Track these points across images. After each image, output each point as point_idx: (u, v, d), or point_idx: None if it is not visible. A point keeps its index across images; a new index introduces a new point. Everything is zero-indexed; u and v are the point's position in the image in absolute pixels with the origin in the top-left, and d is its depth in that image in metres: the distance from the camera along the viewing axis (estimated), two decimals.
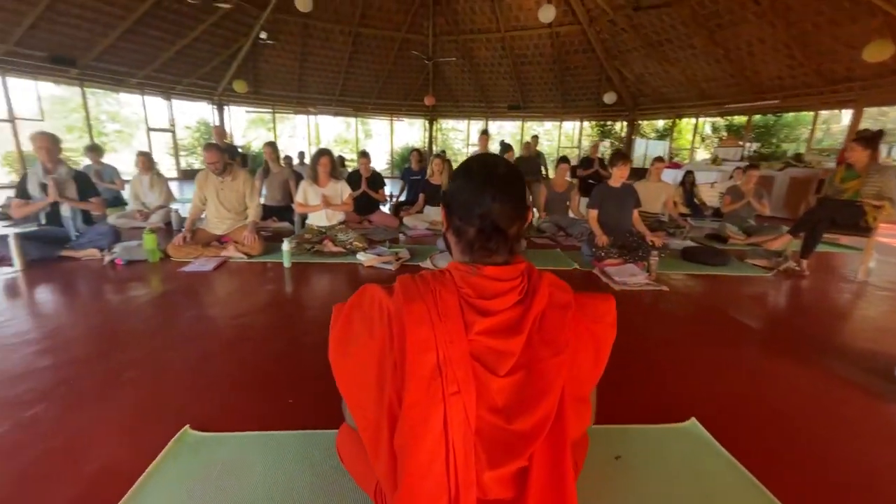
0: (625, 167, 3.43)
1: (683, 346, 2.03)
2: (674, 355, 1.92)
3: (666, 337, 2.14)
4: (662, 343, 2.06)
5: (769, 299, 2.85)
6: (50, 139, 3.12)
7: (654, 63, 9.47)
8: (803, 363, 1.86)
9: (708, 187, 7.91)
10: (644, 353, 1.94)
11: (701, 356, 1.92)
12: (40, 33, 7.20)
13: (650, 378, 1.71)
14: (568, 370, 0.67)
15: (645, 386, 1.65)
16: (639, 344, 2.04)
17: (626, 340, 2.08)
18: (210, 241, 3.47)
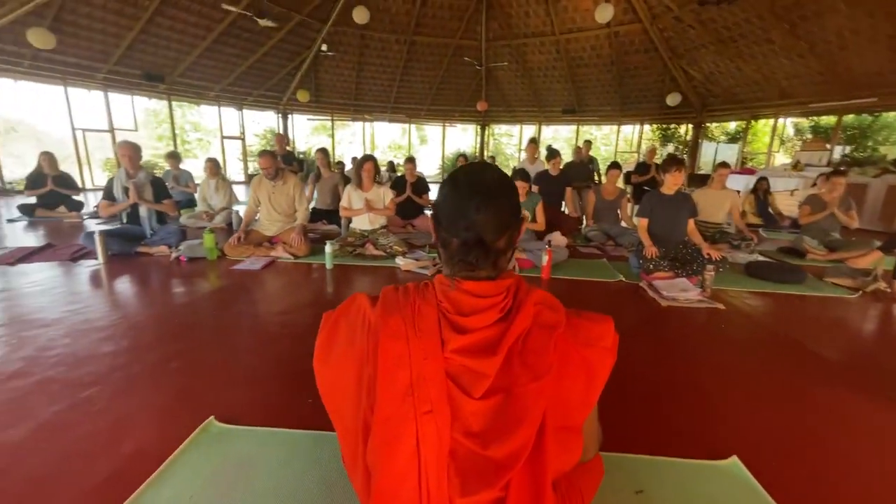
0: (678, 173, 3.18)
1: (736, 372, 1.83)
2: (723, 382, 1.73)
3: (716, 361, 1.94)
4: (711, 367, 1.87)
5: (849, 326, 2.50)
6: (132, 148, 3.50)
7: (726, 60, 8.75)
8: (885, 405, 1.59)
9: (786, 195, 7.15)
10: (688, 376, 1.78)
11: (756, 386, 1.71)
12: (135, 53, 8.14)
13: (692, 406, 1.55)
14: (551, 397, 0.62)
15: (685, 414, 1.50)
16: (683, 366, 1.87)
17: (668, 361, 1.91)
18: (262, 241, 3.70)
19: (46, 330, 2.01)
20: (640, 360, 1.91)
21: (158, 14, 7.48)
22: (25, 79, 7.65)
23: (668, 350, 2.04)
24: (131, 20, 7.39)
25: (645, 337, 2.20)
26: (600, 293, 2.94)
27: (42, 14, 6.57)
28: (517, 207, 0.73)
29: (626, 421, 1.44)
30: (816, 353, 2.04)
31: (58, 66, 7.68)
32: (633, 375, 1.77)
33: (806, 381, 1.76)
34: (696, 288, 2.84)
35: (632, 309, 2.65)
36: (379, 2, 9.15)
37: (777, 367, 1.89)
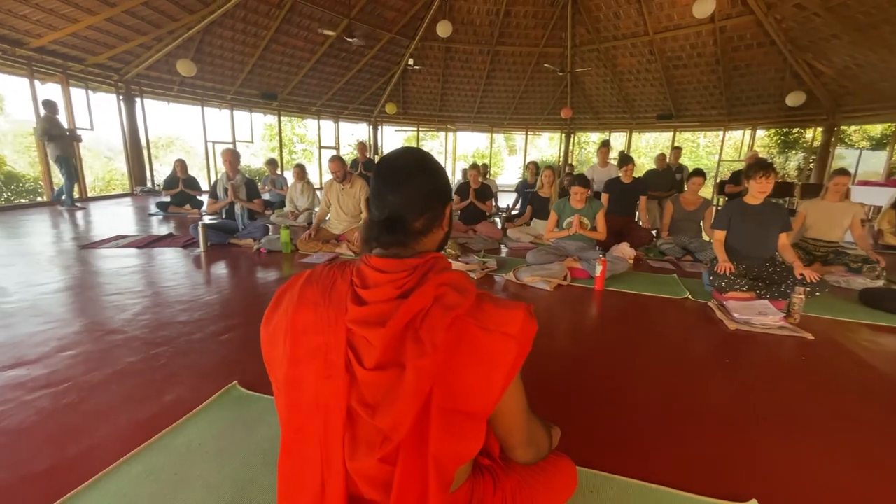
0: (765, 180, 2.76)
1: (801, 413, 1.54)
2: (781, 423, 1.47)
3: (782, 398, 1.65)
4: (773, 404, 1.60)
5: None
6: (232, 154, 4.11)
7: (865, 51, 7.32)
8: None
9: None
10: (739, 408, 1.54)
11: (822, 433, 1.43)
12: (254, 77, 9.48)
13: (732, 443, 1.35)
14: (441, 376, 0.62)
15: (720, 450, 1.31)
16: (737, 398, 1.63)
17: (715, 389, 1.68)
18: (330, 238, 4.04)
19: (145, 299, 2.46)
20: (680, 384, 1.71)
21: (273, 42, 8.63)
22: (175, 101, 9.35)
23: (719, 377, 1.79)
24: (253, 48, 8.64)
25: (693, 360, 1.96)
26: (658, 309, 2.67)
27: (187, 47, 8.00)
28: (438, 191, 0.74)
29: (642, 444, 1.31)
30: None
31: (198, 90, 9.27)
32: (669, 396, 1.59)
33: (888, 437, 1.42)
34: (780, 313, 2.43)
35: (690, 329, 2.37)
36: (463, 15, 9.44)
37: (859, 415, 1.55)
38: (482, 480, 0.82)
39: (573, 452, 1.05)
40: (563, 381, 1.69)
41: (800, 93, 8.65)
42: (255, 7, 7.66)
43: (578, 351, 2.01)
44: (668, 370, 1.83)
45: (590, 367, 1.83)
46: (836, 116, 9.21)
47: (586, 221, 3.44)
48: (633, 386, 1.68)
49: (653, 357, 1.97)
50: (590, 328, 2.37)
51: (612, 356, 1.97)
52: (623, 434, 1.36)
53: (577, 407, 1.51)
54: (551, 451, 1.00)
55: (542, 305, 2.66)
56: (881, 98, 8.24)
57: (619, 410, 1.50)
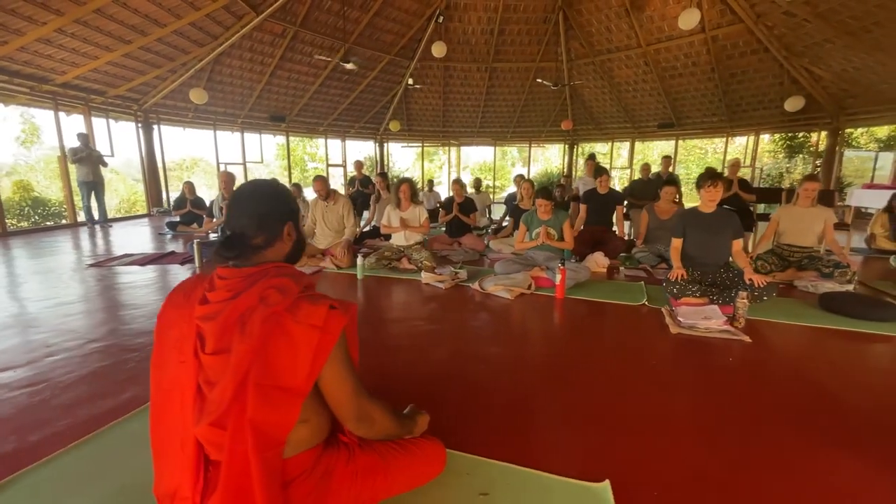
0: (713, 189, 2.86)
1: (694, 408, 1.64)
2: (672, 418, 1.58)
3: (684, 397, 1.75)
4: (670, 402, 1.70)
5: None
6: (228, 175, 4.43)
7: (861, 55, 7.26)
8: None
9: None
10: (635, 404, 1.66)
11: (698, 429, 1.53)
12: (262, 101, 10.00)
13: (612, 433, 1.47)
14: (258, 358, 0.79)
15: (599, 440, 1.43)
16: (643, 395, 1.74)
17: (632, 388, 1.79)
18: (316, 253, 4.28)
19: (132, 311, 2.72)
20: (595, 383, 1.83)
21: (278, 68, 9.13)
22: (189, 126, 9.93)
23: (638, 377, 1.90)
24: (260, 75, 9.15)
25: (621, 362, 2.07)
26: (611, 315, 2.78)
27: (199, 77, 8.55)
28: (273, 214, 0.93)
29: (531, 434, 1.45)
30: (839, 407, 1.70)
31: (210, 115, 9.83)
32: (579, 394, 1.72)
33: (806, 438, 1.51)
34: (723, 317, 2.50)
35: (633, 334, 2.47)
36: (458, 35, 9.77)
37: (744, 413, 1.64)
38: (336, 452, 0.99)
39: (468, 440, 1.20)
40: (483, 380, 1.83)
41: (798, 97, 8.59)
42: (259, 38, 8.15)
43: (510, 353, 2.14)
44: (588, 371, 1.95)
45: (514, 368, 1.96)
46: (840, 119, 9.09)
47: (553, 232, 3.57)
48: (547, 384, 1.80)
49: (582, 359, 2.09)
50: (532, 333, 2.49)
51: (542, 359, 2.09)
52: (515, 425, 1.49)
53: (482, 401, 1.65)
54: (414, 434, 1.16)
55: (500, 313, 2.80)
56: (884, 100, 8.13)
57: (522, 405, 1.63)
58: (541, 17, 9.20)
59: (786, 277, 3.68)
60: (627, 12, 8.44)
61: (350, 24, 8.64)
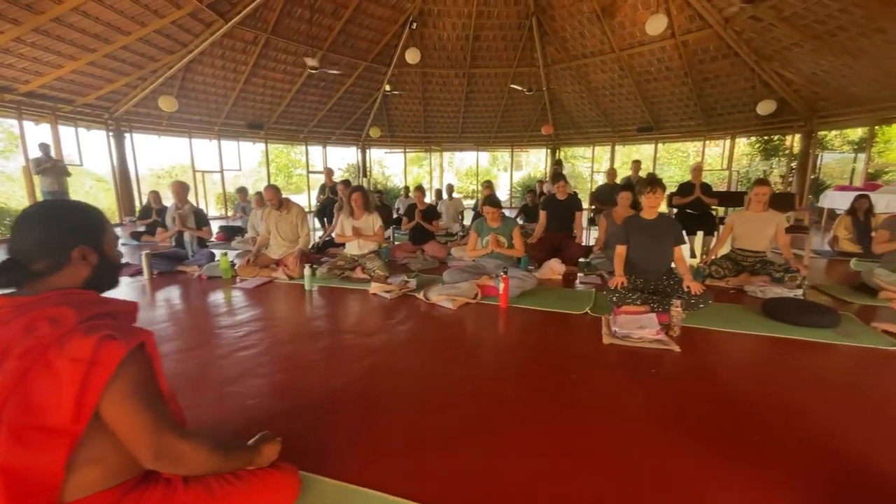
0: (652, 195, 2.83)
1: (612, 431, 1.59)
2: (559, 435, 1.53)
3: (604, 416, 1.70)
4: (588, 422, 1.65)
5: (861, 393, 1.94)
6: (180, 186, 4.34)
7: (829, 58, 7.33)
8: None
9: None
10: (521, 419, 1.60)
11: (637, 455, 1.48)
12: (238, 108, 9.93)
13: (503, 453, 1.41)
14: (13, 398, 0.73)
15: (483, 458, 1.37)
16: (547, 410, 1.68)
17: (542, 396, 1.74)
18: (270, 263, 4.20)
19: None
20: (500, 397, 1.77)
21: (252, 75, 9.07)
22: (164, 134, 9.83)
23: (546, 391, 1.84)
24: (234, 82, 9.09)
25: (537, 374, 2.01)
26: (552, 325, 2.72)
27: (171, 84, 8.47)
28: (59, 237, 0.86)
29: (404, 453, 1.38)
30: (747, 420, 1.65)
31: (185, 123, 9.74)
32: (469, 409, 1.66)
33: (691, 453, 1.46)
34: (657, 326, 2.46)
35: (566, 345, 2.42)
36: (434, 41, 9.78)
37: (671, 432, 1.58)
38: (148, 491, 0.92)
39: (348, 467, 1.13)
40: (389, 398, 1.76)
41: (770, 101, 8.66)
42: (231, 45, 8.09)
43: (428, 368, 2.07)
44: (503, 387, 1.89)
45: (427, 384, 1.90)
46: (813, 122, 9.17)
47: (503, 240, 3.53)
48: (455, 402, 1.74)
49: (500, 373, 2.03)
50: (460, 346, 2.43)
51: (459, 373, 2.03)
52: (408, 449, 1.43)
53: (381, 422, 1.59)
54: (257, 465, 1.09)
55: (437, 324, 2.74)
56: (854, 103, 8.22)
57: (420, 426, 1.56)
58: (515, 22, 9.23)
59: (739, 282, 3.66)
60: (599, 18, 8.48)
61: (323, 31, 8.62)
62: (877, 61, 6.85)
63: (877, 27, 6.21)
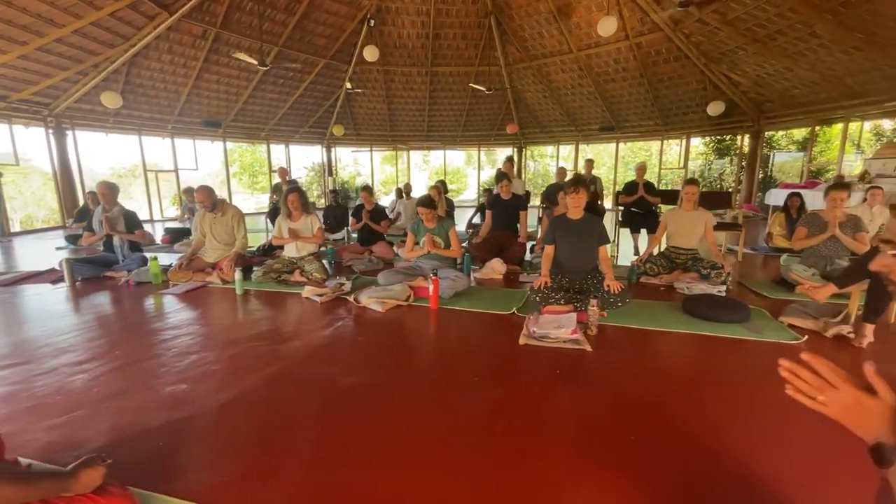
0: (575, 195, 2.86)
1: (496, 437, 1.58)
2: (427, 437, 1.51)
3: (494, 421, 1.69)
4: (471, 427, 1.64)
5: (746, 388, 2.00)
6: (107, 187, 4.12)
7: (771, 61, 7.65)
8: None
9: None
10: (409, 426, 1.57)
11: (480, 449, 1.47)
12: (192, 105, 9.57)
13: (379, 464, 1.38)
14: None
15: (354, 470, 1.34)
16: (434, 418, 1.66)
17: (437, 402, 1.72)
18: (205, 267, 4.05)
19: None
20: (395, 404, 1.74)
21: (204, 71, 8.75)
22: (112, 132, 9.37)
23: (442, 397, 1.83)
24: (185, 78, 8.75)
25: (443, 381, 1.99)
26: (477, 326, 2.72)
27: (116, 80, 8.08)
28: None
29: (274, 470, 1.33)
30: (632, 419, 1.67)
31: (135, 120, 9.32)
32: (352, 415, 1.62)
33: (567, 456, 1.46)
34: (574, 325, 2.48)
35: (483, 346, 2.41)
36: (394, 39, 9.69)
37: (555, 434, 1.59)
38: None
39: (217, 486, 1.07)
40: (280, 410, 1.71)
41: (719, 102, 8.98)
42: (178, 39, 7.78)
43: (332, 374, 2.03)
44: (401, 393, 1.86)
45: (327, 393, 1.85)
46: (761, 123, 9.57)
47: (439, 241, 3.50)
48: (346, 410, 1.70)
49: (404, 378, 2.00)
50: (374, 350, 2.38)
51: (362, 379, 1.99)
52: (282, 463, 1.38)
53: (262, 435, 1.53)
54: (74, 491, 1.02)
55: (359, 328, 2.69)
56: (796, 104, 8.60)
57: (304, 438, 1.52)
58: (474, 21, 9.24)
59: (671, 279, 3.76)
60: (556, 18, 8.58)
61: (277, 27, 8.39)
62: (813, 64, 7.19)
63: (811, 32, 6.50)
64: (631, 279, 3.81)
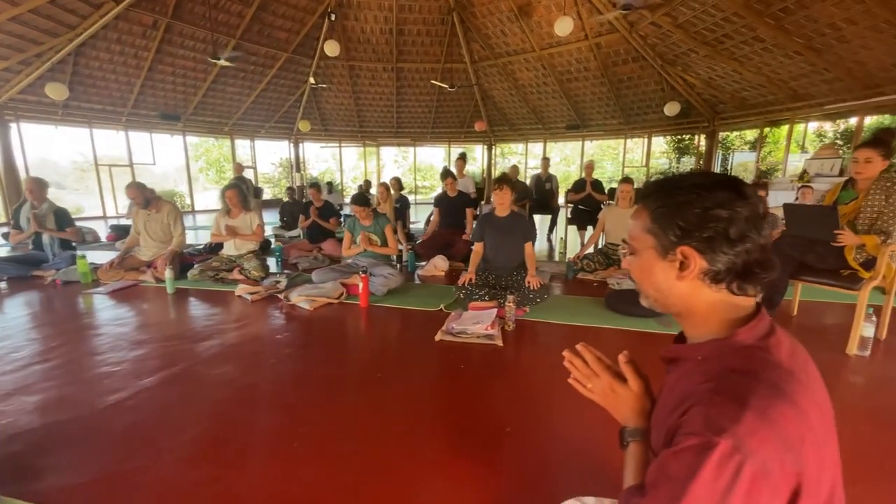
0: (500, 192, 2.92)
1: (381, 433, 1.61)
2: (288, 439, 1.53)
3: (373, 418, 1.72)
4: (358, 426, 1.66)
5: None
6: (35, 182, 3.96)
7: (721, 64, 7.92)
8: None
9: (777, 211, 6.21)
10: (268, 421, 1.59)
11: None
12: (147, 97, 9.24)
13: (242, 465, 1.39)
14: None
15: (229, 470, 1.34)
16: (322, 416, 1.68)
17: (329, 400, 1.73)
18: (140, 266, 3.94)
19: None
20: (284, 404, 1.75)
21: (158, 62, 8.46)
22: (62, 124, 8.96)
23: (335, 396, 1.85)
24: (136, 69, 8.43)
25: (345, 379, 2.02)
26: (401, 323, 2.75)
27: (62, 70, 7.73)
28: None
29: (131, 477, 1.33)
30: (499, 413, 1.73)
31: (85, 112, 8.94)
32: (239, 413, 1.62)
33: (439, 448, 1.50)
34: (490, 320, 2.54)
35: (399, 344, 2.44)
36: (357, 34, 9.59)
37: (431, 431, 1.63)
38: None
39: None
40: (164, 412, 1.70)
41: (675, 103, 9.24)
42: (127, 29, 7.49)
43: (224, 375, 2.02)
44: (294, 393, 1.87)
45: (218, 394, 1.85)
46: (715, 123, 9.90)
47: (374, 238, 3.51)
48: (235, 413, 1.71)
49: (304, 378, 2.01)
50: (287, 349, 2.38)
51: (258, 379, 1.99)
52: (148, 470, 1.37)
53: (140, 438, 1.52)
54: None
55: (279, 326, 2.68)
56: (747, 106, 8.93)
57: (183, 441, 1.51)
58: (437, 17, 9.23)
59: (606, 275, 3.87)
60: (517, 17, 8.66)
61: (233, 18, 8.18)
62: (759, 67, 7.48)
63: (755, 36, 6.76)
64: (568, 275, 3.91)
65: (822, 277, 2.32)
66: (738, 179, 0.61)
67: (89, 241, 6.19)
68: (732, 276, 0.59)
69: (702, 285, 0.61)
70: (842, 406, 1.63)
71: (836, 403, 0.57)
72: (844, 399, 1.81)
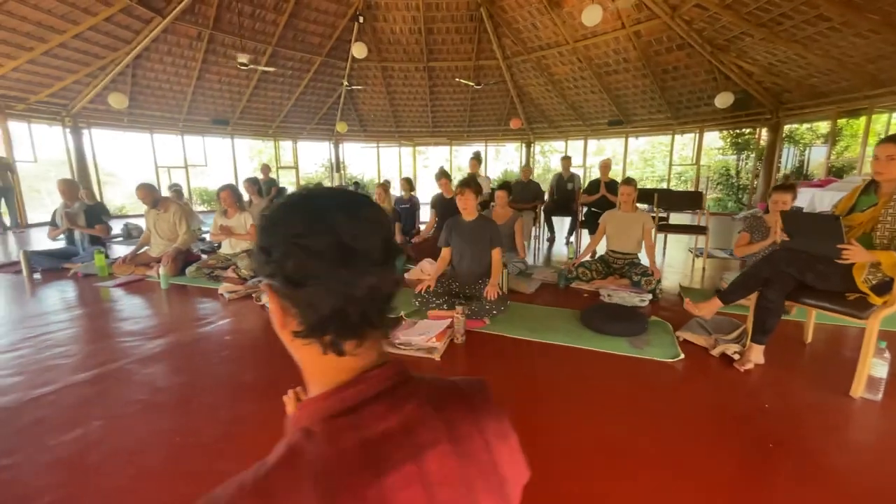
0: (462, 196, 2.74)
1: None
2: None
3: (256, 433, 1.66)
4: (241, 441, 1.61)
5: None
6: (66, 184, 4.40)
7: (780, 48, 6.99)
8: None
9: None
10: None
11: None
12: (199, 104, 10.01)
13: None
14: None
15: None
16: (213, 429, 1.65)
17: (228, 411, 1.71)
18: (150, 262, 4.23)
19: None
20: (195, 408, 1.75)
21: (205, 71, 9.12)
22: (127, 130, 9.98)
23: (238, 406, 1.81)
24: (187, 78, 9.16)
25: (261, 390, 1.98)
26: None
27: (124, 80, 8.58)
28: None
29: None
30: None
31: (147, 119, 9.87)
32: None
33: None
34: (436, 331, 2.38)
35: None
36: (387, 35, 9.66)
37: None
38: None
39: None
40: (67, 413, 1.76)
41: (727, 94, 8.31)
42: (175, 41, 8.14)
43: (162, 371, 2.06)
44: (209, 400, 1.86)
45: (136, 390, 1.88)
46: (780, 115, 8.80)
47: None
48: (142, 416, 1.73)
49: (226, 386, 2.00)
50: (229, 349, 2.40)
51: (187, 376, 2.01)
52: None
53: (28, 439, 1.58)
54: None
55: (239, 327, 2.72)
56: (816, 94, 7.85)
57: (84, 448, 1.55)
58: (465, 14, 9.05)
59: (602, 284, 3.54)
60: (547, 9, 8.24)
61: (268, 26, 8.59)
62: (826, 50, 6.52)
63: (819, 14, 5.89)
64: (559, 284, 3.62)
65: (822, 301, 1.91)
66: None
67: (135, 237, 6.81)
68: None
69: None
70: (831, 474, 1.28)
71: (821, 469, 0.39)
72: (837, 462, 1.33)
